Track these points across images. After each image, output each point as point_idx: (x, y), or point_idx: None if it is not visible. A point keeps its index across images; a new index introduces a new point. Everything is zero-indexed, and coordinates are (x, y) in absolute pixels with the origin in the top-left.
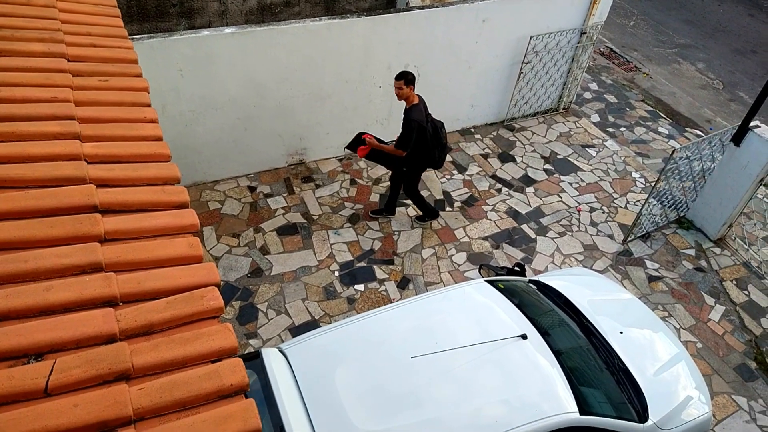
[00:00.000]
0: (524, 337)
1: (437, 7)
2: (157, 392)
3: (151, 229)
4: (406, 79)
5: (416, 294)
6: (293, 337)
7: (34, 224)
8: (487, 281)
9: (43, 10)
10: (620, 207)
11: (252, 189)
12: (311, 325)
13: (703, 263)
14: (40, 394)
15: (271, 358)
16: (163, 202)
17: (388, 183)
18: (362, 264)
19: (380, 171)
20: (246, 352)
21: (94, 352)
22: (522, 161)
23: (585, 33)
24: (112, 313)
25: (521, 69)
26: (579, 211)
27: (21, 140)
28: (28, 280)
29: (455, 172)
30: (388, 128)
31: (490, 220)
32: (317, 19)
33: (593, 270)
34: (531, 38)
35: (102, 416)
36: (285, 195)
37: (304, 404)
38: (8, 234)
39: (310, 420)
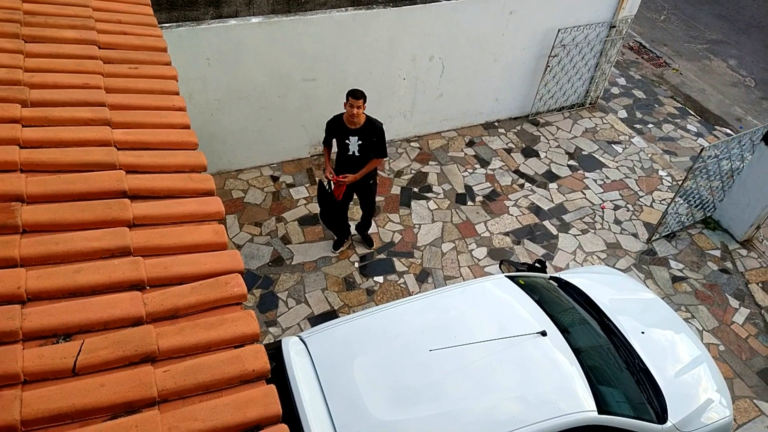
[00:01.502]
0: (544, 333)
1: None
2: (182, 375)
3: (177, 216)
4: (365, 98)
5: (435, 287)
6: (312, 326)
7: (65, 207)
8: (508, 277)
9: None
10: (645, 205)
11: (275, 179)
12: (330, 315)
13: (729, 265)
14: (68, 374)
15: (290, 345)
16: (190, 189)
17: (357, 202)
18: (382, 256)
19: (402, 163)
20: (266, 342)
21: (121, 334)
22: (546, 156)
23: (614, 27)
24: (139, 296)
25: (548, 62)
26: (603, 208)
27: (53, 125)
28: (58, 262)
29: (477, 166)
30: (411, 120)
31: (511, 215)
32: (343, 9)
33: (616, 268)
34: (559, 31)
35: (127, 396)
36: (307, 185)
37: (323, 392)
38: (40, 216)
39: (328, 408)
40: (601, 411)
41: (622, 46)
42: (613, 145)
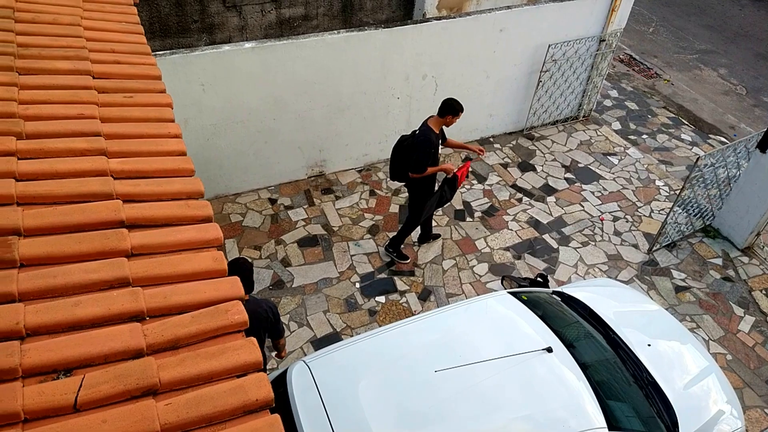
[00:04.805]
0: (549, 350)
1: (454, 17)
2: (184, 407)
3: (176, 244)
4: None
5: (438, 305)
6: (315, 349)
7: (62, 240)
8: (510, 293)
9: (69, 29)
10: (644, 216)
11: (273, 201)
12: (333, 337)
13: (731, 273)
14: (69, 410)
15: (294, 371)
16: (188, 216)
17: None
18: (383, 275)
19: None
20: (269, 366)
21: (122, 367)
22: (542, 170)
23: (604, 40)
24: (139, 327)
25: (540, 77)
26: (602, 220)
27: (49, 157)
28: (57, 296)
29: (475, 181)
30: None
31: (511, 230)
32: (335, 32)
33: (618, 280)
34: (549, 46)
35: None
36: (305, 207)
37: (328, 417)
38: (37, 250)
39: None
40: (611, 427)
41: (612, 58)
42: (608, 157)
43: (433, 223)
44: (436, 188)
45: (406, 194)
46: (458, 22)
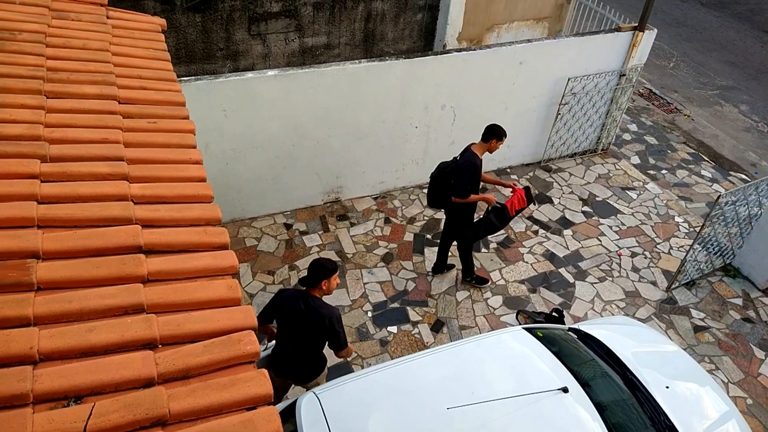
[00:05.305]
0: (565, 390)
1: (474, 49)
2: None
3: (192, 271)
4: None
5: (450, 337)
6: (326, 378)
7: (80, 264)
8: (525, 329)
9: (98, 54)
10: (663, 252)
11: (288, 226)
12: (343, 367)
13: (752, 313)
14: None
15: (305, 402)
16: (205, 243)
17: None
18: (395, 305)
19: (414, 210)
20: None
21: (132, 396)
22: (559, 203)
23: (624, 75)
24: (151, 356)
25: (558, 110)
26: (620, 255)
27: (71, 180)
28: (72, 321)
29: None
30: (423, 167)
31: (526, 262)
32: (356, 61)
33: (636, 318)
34: (569, 80)
35: None
36: (320, 233)
37: None
38: (55, 274)
39: None
40: None
41: (632, 93)
42: (627, 191)
43: (449, 254)
44: (476, 217)
45: (421, 223)
46: (478, 54)
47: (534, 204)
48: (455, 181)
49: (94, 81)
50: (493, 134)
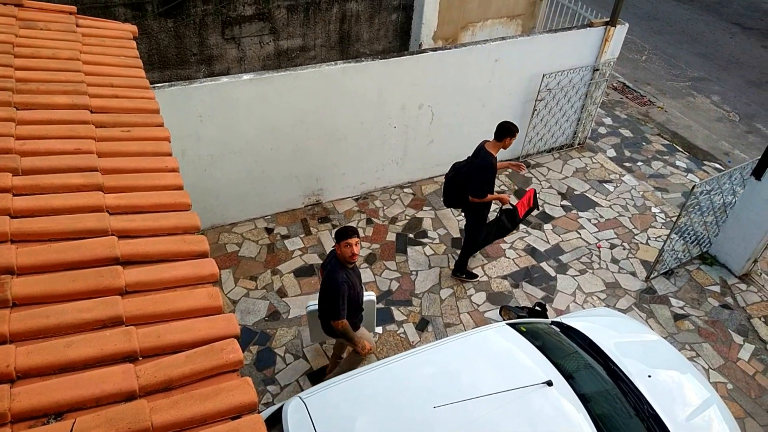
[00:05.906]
0: (550, 383)
1: (450, 48)
2: None
3: (171, 280)
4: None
5: (435, 336)
6: (311, 382)
7: (56, 278)
8: (509, 324)
9: (68, 63)
10: (641, 243)
11: (269, 231)
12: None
13: (729, 300)
14: None
15: (291, 407)
16: (184, 251)
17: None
18: (380, 305)
19: (396, 210)
20: (264, 401)
21: (114, 411)
22: (539, 197)
23: (598, 69)
24: (131, 369)
25: (535, 106)
26: (599, 247)
27: (44, 193)
28: (49, 336)
29: None
30: (404, 167)
31: (508, 258)
32: (333, 63)
33: (617, 309)
34: (544, 76)
35: None
36: (302, 236)
37: None
38: (31, 289)
39: None
40: None
41: (606, 87)
42: (604, 184)
43: (430, 252)
44: (490, 216)
45: (403, 223)
46: (454, 53)
47: (537, 209)
48: (473, 181)
49: (65, 91)
50: (506, 132)
